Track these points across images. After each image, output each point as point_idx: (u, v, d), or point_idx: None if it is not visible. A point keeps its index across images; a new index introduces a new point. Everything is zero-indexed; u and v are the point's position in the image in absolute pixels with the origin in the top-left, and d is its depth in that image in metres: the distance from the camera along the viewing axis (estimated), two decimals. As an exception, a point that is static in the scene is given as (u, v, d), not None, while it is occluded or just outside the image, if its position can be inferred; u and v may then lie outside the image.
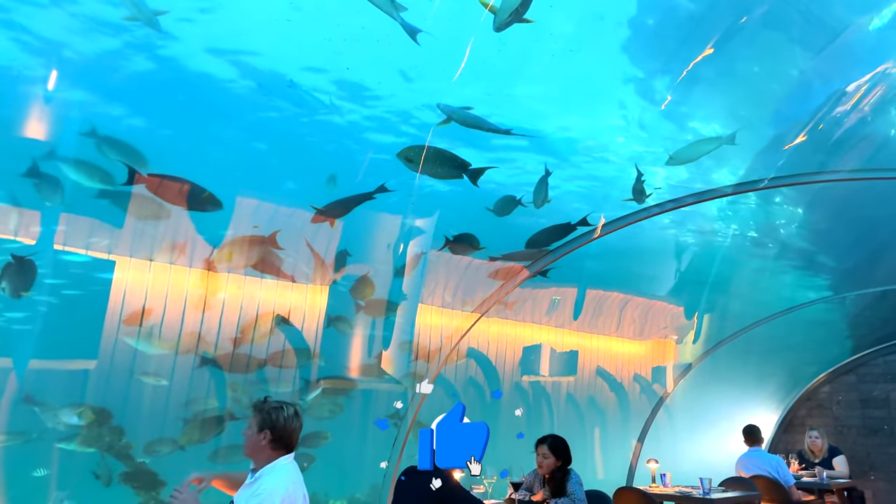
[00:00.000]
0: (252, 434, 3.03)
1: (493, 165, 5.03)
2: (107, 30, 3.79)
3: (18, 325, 4.78)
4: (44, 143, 4.31)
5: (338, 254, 5.73)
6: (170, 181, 4.63)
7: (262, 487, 2.94)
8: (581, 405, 8.41)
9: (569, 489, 4.61)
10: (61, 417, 4.71)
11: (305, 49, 4.11)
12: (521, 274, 6.42)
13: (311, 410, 5.93)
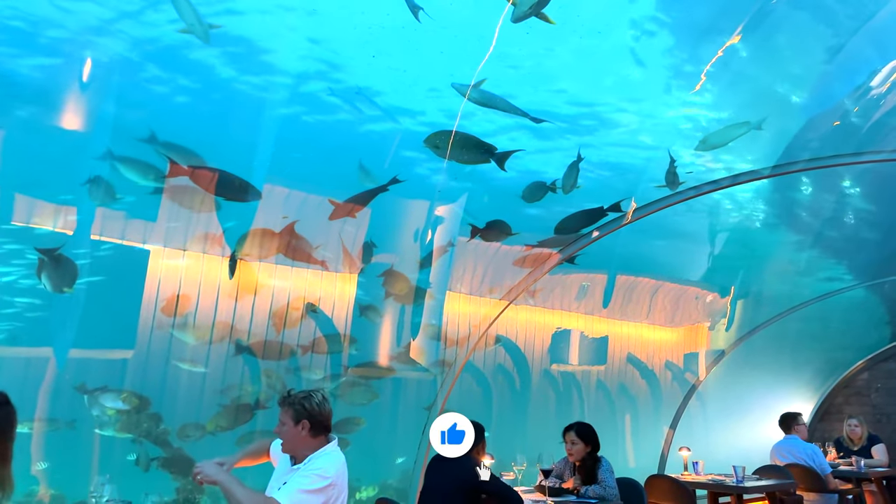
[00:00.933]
0: (290, 428, 3.05)
1: (519, 149, 5.00)
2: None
3: (58, 315, 4.92)
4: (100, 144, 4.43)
5: (365, 244, 5.77)
6: (208, 171, 4.72)
7: (313, 465, 2.99)
8: (612, 392, 8.36)
9: (600, 476, 4.59)
10: (109, 403, 4.84)
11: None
12: (550, 260, 6.38)
13: (346, 397, 6.00)
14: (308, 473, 2.93)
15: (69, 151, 4.61)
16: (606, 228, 6.13)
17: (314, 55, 4.37)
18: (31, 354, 4.99)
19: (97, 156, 4.51)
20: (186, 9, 3.77)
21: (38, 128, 4.49)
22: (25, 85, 4.23)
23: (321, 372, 5.94)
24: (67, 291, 4.66)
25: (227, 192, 4.88)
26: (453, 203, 5.73)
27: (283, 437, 3.08)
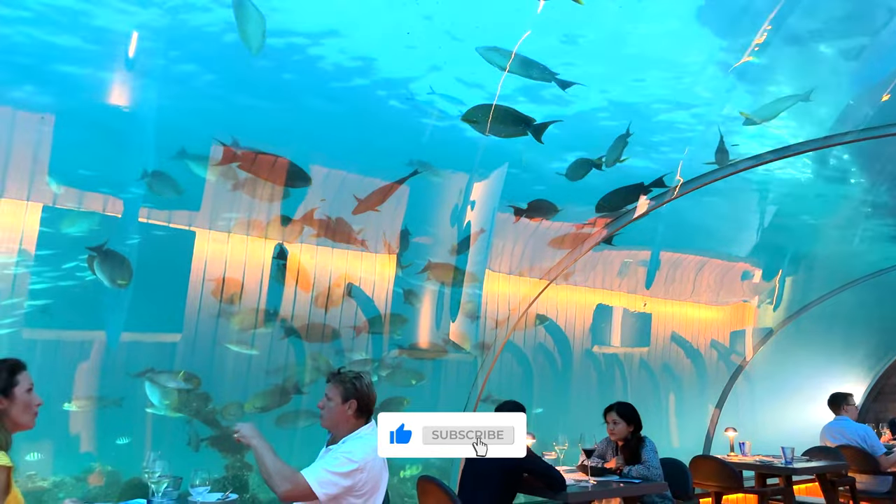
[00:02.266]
0: (336, 405, 3.07)
1: (557, 119, 4.94)
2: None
3: (110, 299, 5.09)
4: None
5: (402, 231, 5.81)
6: (262, 156, 4.80)
7: (345, 448, 3.01)
8: (655, 372, 8.25)
9: (643, 456, 4.55)
10: (168, 383, 5.01)
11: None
12: (592, 239, 6.29)
13: (392, 378, 6.08)
14: (338, 455, 2.95)
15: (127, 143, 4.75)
16: (655, 203, 6.01)
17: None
18: (86, 337, 5.19)
19: (171, 153, 4.64)
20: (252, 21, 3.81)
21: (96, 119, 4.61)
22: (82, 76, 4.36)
23: (364, 353, 6.01)
24: (123, 285, 4.82)
25: (282, 178, 4.97)
26: (493, 181, 5.70)
27: (327, 413, 3.11)
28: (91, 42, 4.12)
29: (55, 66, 4.30)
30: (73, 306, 5.13)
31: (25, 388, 2.56)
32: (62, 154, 4.56)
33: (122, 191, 4.93)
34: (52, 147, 4.51)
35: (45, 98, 4.43)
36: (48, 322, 5.02)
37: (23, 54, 4.15)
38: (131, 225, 4.99)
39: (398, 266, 5.97)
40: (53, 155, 4.55)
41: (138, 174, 4.74)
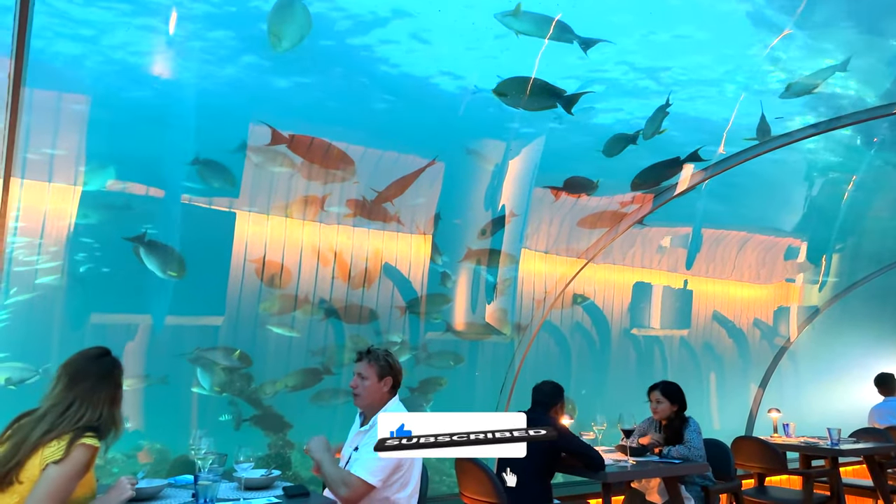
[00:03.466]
0: (372, 384, 3.15)
1: (588, 90, 4.86)
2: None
3: (154, 284, 5.23)
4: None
5: (435, 215, 5.82)
6: (307, 140, 4.86)
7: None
8: (696, 352, 8.12)
9: (686, 436, 4.48)
10: (222, 361, 5.16)
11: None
12: (628, 218, 6.19)
13: (431, 360, 6.13)
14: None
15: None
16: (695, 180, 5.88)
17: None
18: (132, 321, 5.36)
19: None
20: None
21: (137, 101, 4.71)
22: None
23: (401, 335, 6.06)
24: (175, 276, 4.96)
25: (328, 162, 5.03)
26: (529, 158, 5.65)
27: (364, 392, 3.17)
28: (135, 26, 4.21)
29: (98, 50, 4.39)
30: (118, 291, 5.30)
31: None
32: (106, 138, 4.67)
33: (165, 174, 5.04)
34: (95, 131, 4.62)
35: (86, 81, 4.53)
36: (96, 306, 5.20)
37: (66, 38, 4.25)
38: (174, 207, 5.10)
39: (435, 253, 5.98)
40: (96, 139, 4.66)
41: (180, 157, 4.84)
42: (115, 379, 2.64)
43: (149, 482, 2.89)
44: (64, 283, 5.04)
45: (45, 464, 2.37)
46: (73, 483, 2.41)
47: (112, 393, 2.60)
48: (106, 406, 2.56)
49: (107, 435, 2.54)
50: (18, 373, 4.49)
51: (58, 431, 2.43)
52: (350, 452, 3.19)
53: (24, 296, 4.81)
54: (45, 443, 2.41)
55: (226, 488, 2.97)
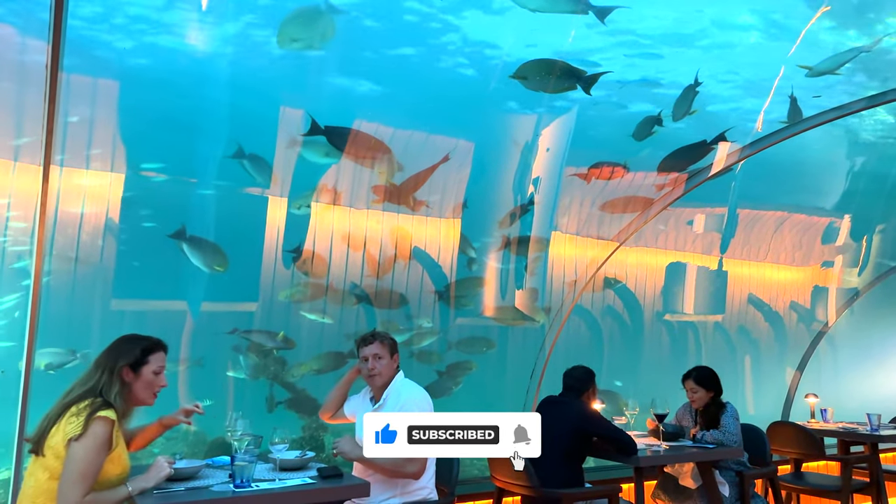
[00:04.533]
0: (387, 361, 3.38)
1: (607, 71, 4.79)
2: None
3: (189, 271, 5.33)
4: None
5: (463, 202, 5.81)
6: (343, 132, 4.91)
7: (407, 400, 3.26)
8: (731, 335, 7.99)
9: (722, 422, 4.42)
10: (268, 342, 5.27)
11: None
12: (659, 203, 6.09)
13: (462, 346, 6.16)
14: (407, 407, 3.23)
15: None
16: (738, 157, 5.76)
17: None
18: (169, 307, 5.48)
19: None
20: None
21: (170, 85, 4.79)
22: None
23: (430, 320, 6.08)
24: (221, 270, 5.06)
25: (366, 153, 5.08)
26: (559, 139, 5.59)
27: (382, 370, 3.37)
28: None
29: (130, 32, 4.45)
30: (155, 278, 5.43)
31: (153, 370, 2.76)
32: (138, 123, 4.75)
33: (198, 159, 5.11)
34: (131, 117, 4.70)
35: (119, 67, 4.60)
36: (133, 293, 5.33)
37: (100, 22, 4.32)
38: (207, 192, 5.18)
39: (466, 246, 5.98)
40: (131, 125, 4.74)
41: (214, 141, 4.90)
42: (118, 351, 2.71)
43: (187, 463, 2.97)
44: (101, 270, 5.17)
45: (66, 439, 2.45)
46: (100, 457, 2.48)
47: (109, 363, 2.67)
48: (104, 374, 2.64)
49: (115, 405, 2.60)
50: (57, 358, 4.60)
51: (70, 400, 2.55)
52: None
53: (63, 282, 4.94)
54: (61, 417, 2.51)
55: (261, 469, 3.03)
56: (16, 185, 4.38)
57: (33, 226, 3.66)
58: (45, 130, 3.41)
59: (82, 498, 2.40)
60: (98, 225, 5.03)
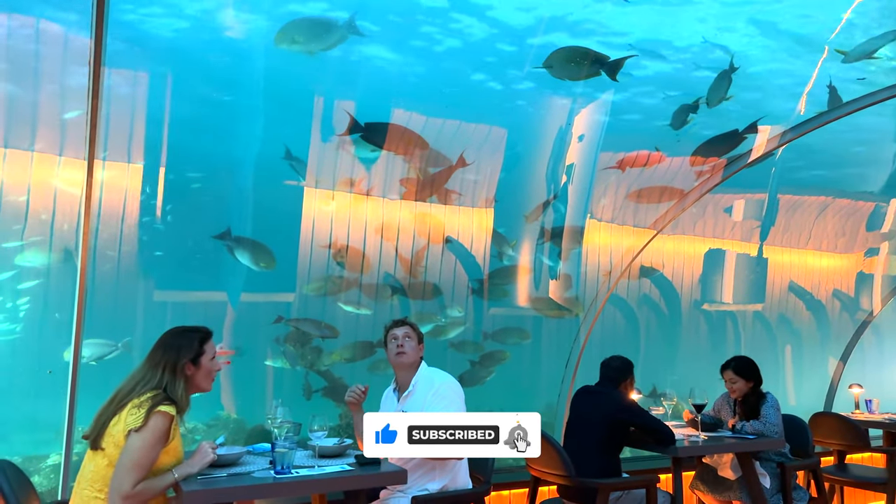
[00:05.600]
0: (416, 344, 3.44)
1: (632, 54, 4.71)
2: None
3: (229, 263, 5.43)
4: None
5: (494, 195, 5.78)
6: (381, 127, 4.97)
7: (442, 386, 3.30)
8: (771, 324, 7.81)
9: (762, 412, 4.34)
10: (312, 331, 5.37)
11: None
12: (695, 191, 5.97)
13: (498, 337, 6.16)
14: (445, 394, 3.27)
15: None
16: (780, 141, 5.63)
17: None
18: (209, 298, 5.60)
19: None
20: None
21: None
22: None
23: (462, 310, 6.08)
24: (268, 268, 5.16)
25: (401, 146, 5.12)
26: (593, 124, 5.52)
27: (410, 349, 3.42)
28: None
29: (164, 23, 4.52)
30: (196, 269, 5.54)
31: (210, 357, 2.83)
32: (178, 116, 4.83)
33: (236, 152, 5.19)
34: (162, 108, 4.78)
35: (143, 58, 4.66)
36: (175, 284, 5.46)
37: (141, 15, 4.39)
38: (245, 184, 5.26)
39: (504, 244, 5.97)
40: (170, 116, 4.83)
41: (250, 131, 4.96)
42: (177, 348, 2.76)
43: (229, 449, 3.03)
44: (143, 262, 5.30)
45: (126, 430, 2.53)
46: (155, 450, 2.56)
47: (170, 360, 2.72)
48: (167, 373, 2.70)
49: (178, 401, 2.67)
50: (98, 349, 4.72)
51: (132, 396, 2.61)
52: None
53: (107, 273, 5.07)
54: (122, 408, 2.59)
55: (301, 456, 3.09)
56: (60, 179, 4.51)
57: (78, 219, 3.77)
58: (88, 126, 3.50)
59: (132, 487, 2.48)
60: (139, 218, 5.15)
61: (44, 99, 4.29)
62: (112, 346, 4.80)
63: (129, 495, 2.47)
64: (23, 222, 4.59)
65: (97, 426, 2.62)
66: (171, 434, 2.64)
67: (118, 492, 2.47)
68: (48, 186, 4.52)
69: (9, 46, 4.17)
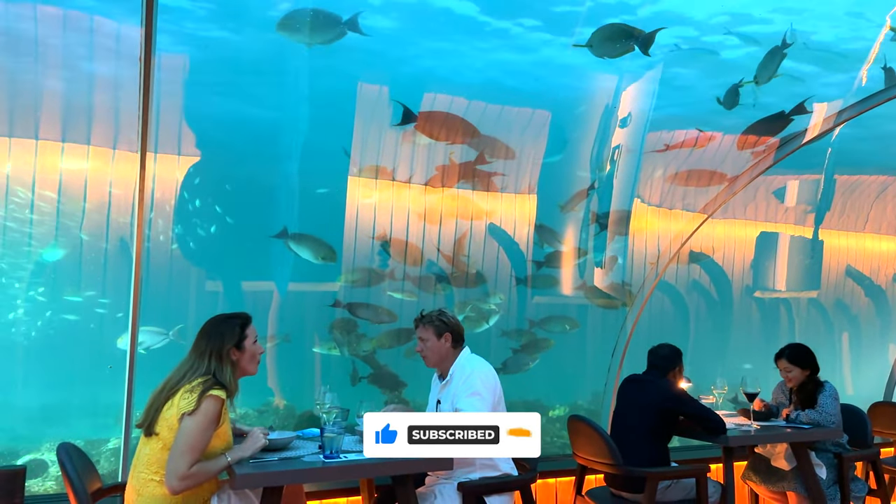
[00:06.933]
0: (433, 343, 3.40)
1: (661, 27, 4.59)
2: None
3: (276, 252, 5.53)
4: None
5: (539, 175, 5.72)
6: (439, 115, 4.98)
7: (471, 373, 3.30)
8: (827, 310, 7.54)
9: (819, 401, 4.21)
10: (372, 318, 5.47)
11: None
12: (745, 175, 5.77)
13: (545, 325, 6.13)
14: (470, 380, 3.26)
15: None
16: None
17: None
18: (257, 287, 5.72)
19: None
20: None
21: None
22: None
23: (504, 296, 6.05)
24: (330, 260, 5.25)
25: (453, 136, 5.12)
26: (641, 107, 5.40)
27: (429, 353, 3.41)
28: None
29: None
30: (246, 259, 5.68)
31: (252, 340, 2.93)
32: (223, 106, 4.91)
33: (283, 139, 5.26)
34: (216, 100, 4.87)
35: (185, 46, 4.73)
36: (224, 274, 5.59)
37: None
38: (291, 169, 5.33)
39: (549, 236, 5.91)
40: (215, 107, 4.92)
41: (294, 117, 5.02)
42: (220, 335, 2.84)
43: (279, 434, 3.11)
44: (195, 253, 5.44)
45: (180, 414, 2.62)
46: (208, 433, 2.65)
47: (215, 347, 2.81)
48: (214, 359, 2.79)
49: (228, 386, 2.76)
50: (150, 337, 4.87)
51: (183, 383, 2.71)
52: (434, 407, 3.44)
53: (160, 263, 5.23)
54: (175, 394, 2.69)
55: (349, 441, 3.13)
56: (115, 173, 4.66)
57: (132, 211, 3.89)
58: (140, 121, 3.60)
59: (188, 468, 2.57)
60: (189, 210, 5.28)
61: (98, 94, 4.42)
62: (163, 334, 4.94)
63: (186, 476, 2.56)
64: (81, 213, 4.77)
65: (149, 414, 2.73)
66: (221, 418, 2.72)
67: (175, 473, 2.56)
68: (103, 179, 4.68)
69: (64, 45, 4.30)
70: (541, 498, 4.69)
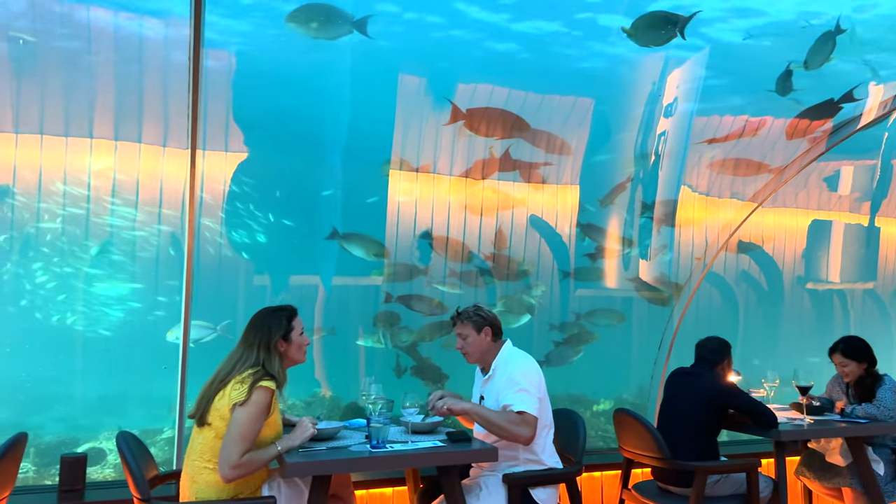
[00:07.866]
0: (474, 339, 3.36)
1: (697, 10, 4.47)
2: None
3: (321, 247, 5.61)
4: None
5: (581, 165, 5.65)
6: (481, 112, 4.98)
7: (515, 368, 3.27)
8: (884, 300, 7.26)
9: (878, 395, 4.06)
10: (424, 310, 5.55)
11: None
12: (796, 163, 5.59)
13: (591, 318, 6.09)
14: (513, 377, 3.22)
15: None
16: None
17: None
18: (304, 282, 5.83)
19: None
20: None
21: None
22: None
23: (546, 287, 6.01)
24: (380, 256, 5.35)
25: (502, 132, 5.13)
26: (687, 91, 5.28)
27: (469, 349, 3.38)
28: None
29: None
30: (293, 254, 5.79)
31: (299, 332, 3.02)
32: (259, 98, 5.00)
33: (326, 134, 5.33)
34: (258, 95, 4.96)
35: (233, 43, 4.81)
36: (272, 269, 5.71)
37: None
38: (333, 163, 5.40)
39: (593, 232, 5.85)
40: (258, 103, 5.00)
41: (336, 112, 5.08)
42: (268, 327, 2.91)
43: (327, 424, 3.16)
44: (243, 248, 5.56)
45: (231, 404, 2.69)
46: (258, 422, 2.71)
47: (263, 339, 2.88)
48: (262, 351, 2.86)
49: (277, 376, 2.83)
50: (198, 331, 5.00)
51: (233, 374, 2.79)
52: (477, 402, 3.41)
53: (209, 258, 5.37)
54: (226, 385, 2.76)
55: (394, 431, 3.18)
56: (165, 170, 4.79)
57: (182, 207, 3.99)
58: (189, 119, 3.70)
59: (240, 457, 2.64)
60: (237, 206, 5.40)
61: (148, 93, 4.55)
62: (211, 328, 5.08)
63: (238, 464, 2.64)
64: (134, 210, 4.92)
65: (200, 405, 2.82)
66: (271, 408, 2.78)
67: (227, 462, 2.63)
68: (155, 176, 4.82)
69: (115, 48, 4.44)
70: (586, 491, 4.66)
